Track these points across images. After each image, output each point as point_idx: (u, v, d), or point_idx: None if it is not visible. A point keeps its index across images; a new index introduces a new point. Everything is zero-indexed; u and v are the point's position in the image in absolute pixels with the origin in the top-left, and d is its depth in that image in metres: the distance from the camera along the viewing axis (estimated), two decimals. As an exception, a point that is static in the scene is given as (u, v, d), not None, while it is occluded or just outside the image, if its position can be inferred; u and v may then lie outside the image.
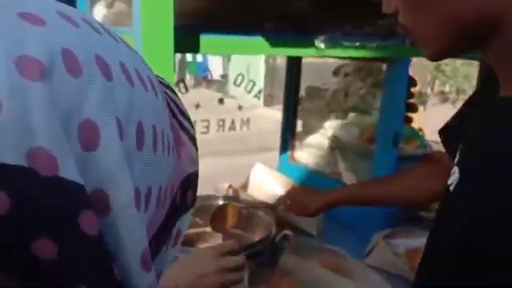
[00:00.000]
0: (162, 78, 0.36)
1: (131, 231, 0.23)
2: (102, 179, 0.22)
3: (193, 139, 0.36)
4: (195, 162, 0.35)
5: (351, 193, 1.08)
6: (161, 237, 0.30)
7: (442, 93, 11.22)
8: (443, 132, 0.87)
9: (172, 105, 0.34)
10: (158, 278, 0.34)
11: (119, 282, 0.23)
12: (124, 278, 0.24)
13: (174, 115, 0.33)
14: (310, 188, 1.18)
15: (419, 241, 1.34)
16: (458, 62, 10.23)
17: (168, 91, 0.35)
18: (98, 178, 0.22)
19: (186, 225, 0.36)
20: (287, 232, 1.32)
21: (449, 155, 0.83)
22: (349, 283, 1.01)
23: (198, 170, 0.36)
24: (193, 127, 0.37)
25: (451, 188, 0.57)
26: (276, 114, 1.77)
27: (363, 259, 1.25)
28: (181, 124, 0.34)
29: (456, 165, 0.59)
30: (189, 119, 0.37)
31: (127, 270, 0.24)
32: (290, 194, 1.16)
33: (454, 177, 0.57)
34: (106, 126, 0.22)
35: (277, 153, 1.80)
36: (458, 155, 0.60)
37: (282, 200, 1.19)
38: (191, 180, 0.34)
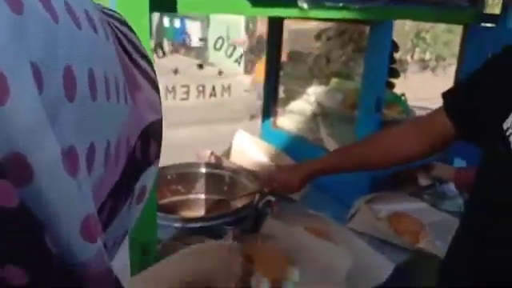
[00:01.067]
0: (115, 12, 0.31)
1: (63, 197, 0.20)
2: (16, 140, 0.18)
3: (152, 82, 0.31)
4: (157, 109, 0.31)
5: (328, 163, 1.09)
6: (119, 195, 0.27)
7: (422, 60, 11.26)
8: (448, 95, 0.87)
9: (125, 42, 0.30)
10: (118, 244, 0.32)
11: (53, 255, 0.20)
12: (61, 250, 0.21)
13: (128, 55, 0.29)
14: (286, 166, 1.22)
15: (401, 205, 1.36)
16: (439, 28, 10.24)
17: (122, 27, 0.30)
18: (10, 140, 0.18)
19: (152, 180, 0.32)
20: (270, 198, 1.31)
21: (450, 120, 0.83)
22: (332, 247, 1.01)
23: (161, 118, 0.32)
24: (153, 69, 0.32)
25: None
26: (257, 80, 1.73)
27: (346, 224, 1.26)
28: (137, 65, 0.30)
29: None
30: (148, 60, 0.32)
31: (64, 241, 0.21)
32: (271, 177, 1.17)
33: None
34: (16, 74, 0.18)
35: (259, 120, 1.77)
36: None
37: (265, 184, 1.19)
38: (153, 129, 0.30)
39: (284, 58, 1.71)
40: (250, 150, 1.48)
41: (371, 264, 1.06)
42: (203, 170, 1.40)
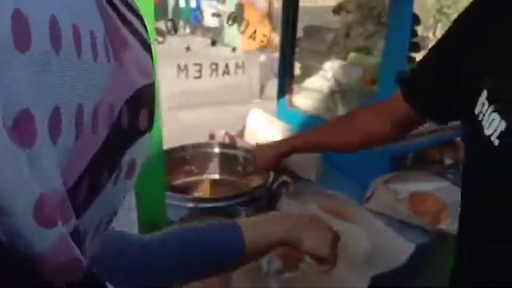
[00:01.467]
0: None
1: (8, 174, 0.17)
2: None
3: (144, 43, 0.27)
4: (148, 73, 0.27)
5: (296, 143, 1.09)
6: (100, 170, 0.24)
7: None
8: (403, 80, 0.84)
9: None
10: (105, 224, 0.28)
11: (2, 243, 0.17)
12: (11, 238, 0.18)
13: (113, 7, 0.25)
14: (264, 144, 1.20)
15: (422, 185, 1.31)
16: (461, 4, 9.88)
17: None
18: None
19: (145, 152, 0.28)
20: (285, 178, 1.28)
21: (407, 102, 0.80)
22: (350, 228, 0.97)
23: (152, 83, 0.28)
24: (146, 29, 0.28)
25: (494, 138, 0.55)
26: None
27: (363, 204, 1.22)
28: (126, 21, 0.26)
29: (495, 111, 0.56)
30: (140, 17, 0.28)
31: (14, 227, 0.17)
32: (253, 154, 1.18)
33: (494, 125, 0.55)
34: None
35: (274, 99, 1.73)
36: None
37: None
38: (144, 96, 0.27)
39: (300, 33, 1.65)
40: (265, 129, 1.44)
41: (390, 245, 1.03)
42: (217, 150, 1.37)
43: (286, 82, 1.65)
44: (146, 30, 0.29)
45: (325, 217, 1.02)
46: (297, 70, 1.66)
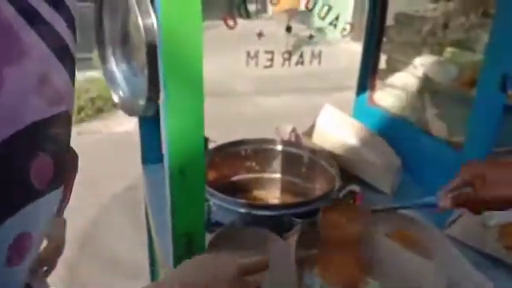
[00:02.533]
0: None
1: None
2: None
3: (62, 50, 0.18)
4: (58, 98, 0.17)
5: None
6: None
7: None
8: None
9: None
10: None
11: None
12: None
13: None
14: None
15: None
16: None
17: None
18: None
19: (48, 221, 0.19)
20: (354, 187, 1.13)
21: None
22: (423, 263, 0.81)
23: (66, 113, 0.18)
24: (74, 29, 0.18)
25: None
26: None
27: (445, 229, 1.03)
28: (29, 16, 0.17)
29: None
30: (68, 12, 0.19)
31: None
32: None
33: None
34: None
35: (353, 93, 1.56)
36: None
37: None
38: (44, 133, 0.17)
39: (390, 20, 1.45)
40: (337, 129, 1.28)
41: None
42: (280, 147, 1.26)
43: (368, 76, 1.47)
44: (74, 31, 0.18)
45: (394, 244, 0.87)
46: (382, 64, 1.47)
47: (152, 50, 0.95)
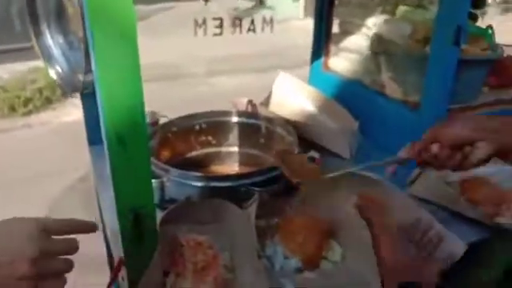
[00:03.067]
0: None
1: None
2: None
3: None
4: None
5: None
6: None
7: (505, 1, 9.98)
8: None
9: None
10: None
11: None
12: None
13: None
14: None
15: (475, 168, 1.08)
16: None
17: None
18: None
19: None
20: (313, 154, 1.09)
21: None
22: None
23: None
24: None
25: None
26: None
27: (406, 188, 1.02)
28: None
29: None
30: None
31: None
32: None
33: None
34: None
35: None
36: None
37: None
38: None
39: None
40: (293, 96, 1.24)
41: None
42: (235, 119, 1.20)
43: (322, 41, 1.44)
44: None
45: (353, 213, 0.84)
46: (335, 28, 1.43)
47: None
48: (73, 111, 3.78)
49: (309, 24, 1.55)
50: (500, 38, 1.25)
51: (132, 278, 0.69)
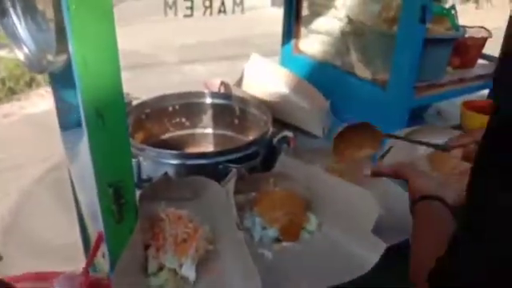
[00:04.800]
0: None
1: None
2: None
3: None
4: None
5: None
6: None
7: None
8: None
9: None
10: None
11: None
12: None
13: None
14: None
15: (443, 141, 1.13)
16: None
17: None
18: None
19: None
20: (286, 133, 1.11)
21: None
22: (358, 191, 0.82)
23: None
24: None
25: None
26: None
27: (377, 162, 1.05)
28: None
29: None
30: None
31: None
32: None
33: None
34: None
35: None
36: None
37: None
38: None
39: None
40: (266, 77, 1.26)
41: (406, 212, 0.87)
42: (209, 100, 1.21)
43: (292, 24, 1.45)
44: None
45: (329, 178, 0.87)
46: (305, 10, 1.45)
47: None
48: (38, 102, 3.66)
49: (277, 13, 1.56)
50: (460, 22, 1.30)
51: (113, 254, 0.69)
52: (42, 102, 3.62)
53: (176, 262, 0.70)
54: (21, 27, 1.06)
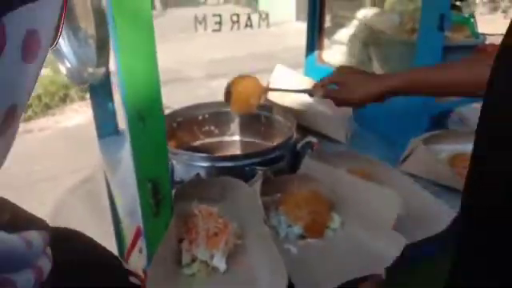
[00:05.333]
0: None
1: None
2: None
3: None
4: None
5: (415, 77, 0.88)
6: None
7: (492, 0, 10.15)
8: None
9: None
10: None
11: None
12: None
13: None
14: (360, 71, 0.98)
15: (466, 145, 1.16)
16: None
17: None
18: None
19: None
20: (310, 138, 1.16)
21: None
22: (380, 190, 0.85)
23: None
24: None
25: None
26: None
27: (399, 166, 1.09)
28: None
29: None
30: None
31: None
32: (336, 76, 0.99)
33: None
34: None
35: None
36: None
37: (324, 82, 1.01)
38: None
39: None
40: (290, 86, 1.31)
41: (428, 210, 0.90)
42: (236, 108, 1.27)
43: (315, 35, 1.51)
44: None
45: (352, 178, 0.91)
46: (327, 22, 1.51)
47: (100, 16, 0.93)
48: (72, 116, 3.83)
49: (301, 27, 1.62)
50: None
51: (150, 247, 0.75)
52: (75, 116, 3.78)
53: (208, 254, 0.75)
54: (64, 44, 1.16)
